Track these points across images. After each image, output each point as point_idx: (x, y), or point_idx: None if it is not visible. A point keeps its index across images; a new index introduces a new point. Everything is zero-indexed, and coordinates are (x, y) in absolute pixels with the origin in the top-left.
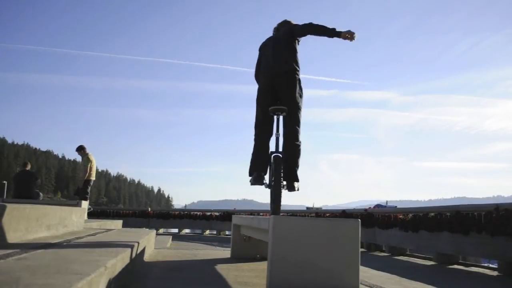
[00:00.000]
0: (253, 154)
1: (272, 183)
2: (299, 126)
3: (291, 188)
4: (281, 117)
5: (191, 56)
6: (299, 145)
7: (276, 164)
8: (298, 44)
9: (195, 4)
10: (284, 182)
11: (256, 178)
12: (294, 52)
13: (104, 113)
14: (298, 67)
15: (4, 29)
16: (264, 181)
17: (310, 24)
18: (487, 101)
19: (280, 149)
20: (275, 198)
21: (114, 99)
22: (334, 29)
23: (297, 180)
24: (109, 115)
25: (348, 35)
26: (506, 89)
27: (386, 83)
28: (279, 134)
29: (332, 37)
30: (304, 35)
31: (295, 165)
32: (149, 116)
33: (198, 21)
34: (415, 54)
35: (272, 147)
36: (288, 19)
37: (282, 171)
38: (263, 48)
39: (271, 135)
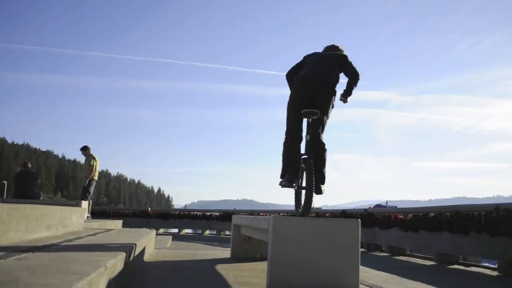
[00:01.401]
0: (285, 159)
1: (302, 185)
2: (323, 132)
3: (318, 191)
4: (307, 120)
5: (191, 56)
6: (326, 149)
7: (308, 167)
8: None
9: (195, 4)
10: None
11: (288, 180)
12: (337, 71)
13: (104, 113)
14: (338, 80)
15: (4, 29)
16: (294, 184)
17: (357, 76)
18: (487, 101)
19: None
20: (307, 201)
21: (114, 99)
22: (350, 94)
23: (324, 183)
24: (109, 115)
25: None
26: (506, 89)
27: (386, 83)
28: (309, 137)
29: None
30: (346, 76)
31: (323, 168)
32: (149, 116)
33: (198, 21)
34: (415, 54)
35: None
36: (336, 44)
37: (313, 173)
38: (309, 57)
39: (301, 140)
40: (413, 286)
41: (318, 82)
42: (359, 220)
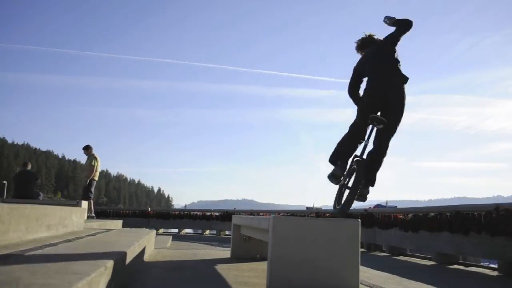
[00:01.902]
0: (338, 147)
1: (348, 185)
2: (390, 140)
3: (363, 195)
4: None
5: (191, 56)
6: (385, 155)
7: (360, 169)
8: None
9: (195, 4)
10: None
11: (335, 174)
12: (398, 62)
13: (104, 113)
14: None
15: (4, 29)
16: (340, 181)
17: (404, 21)
18: (487, 101)
19: (364, 156)
20: (347, 202)
21: (114, 99)
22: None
23: (374, 185)
24: (109, 115)
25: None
26: (506, 89)
27: None
28: (368, 142)
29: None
30: (401, 35)
31: (377, 170)
32: (149, 116)
33: (198, 21)
34: (415, 54)
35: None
36: (369, 33)
37: (363, 177)
38: (367, 64)
39: (362, 139)
40: (413, 286)
41: (397, 84)
42: (359, 220)
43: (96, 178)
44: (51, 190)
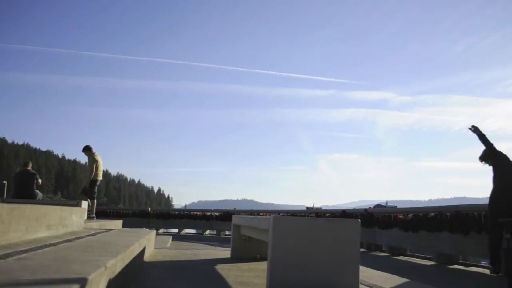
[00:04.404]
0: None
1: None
2: None
3: None
4: None
5: (191, 56)
6: None
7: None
8: None
9: (195, 4)
10: None
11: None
12: None
13: (104, 113)
14: None
15: (4, 29)
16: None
17: None
18: (486, 101)
19: None
20: None
21: (114, 99)
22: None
23: None
24: (109, 115)
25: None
26: (505, 89)
27: (385, 83)
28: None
29: None
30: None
31: None
32: (149, 116)
33: (197, 22)
34: (413, 54)
35: None
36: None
37: None
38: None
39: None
40: (413, 286)
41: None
42: (359, 220)
43: (100, 178)
44: (51, 190)
